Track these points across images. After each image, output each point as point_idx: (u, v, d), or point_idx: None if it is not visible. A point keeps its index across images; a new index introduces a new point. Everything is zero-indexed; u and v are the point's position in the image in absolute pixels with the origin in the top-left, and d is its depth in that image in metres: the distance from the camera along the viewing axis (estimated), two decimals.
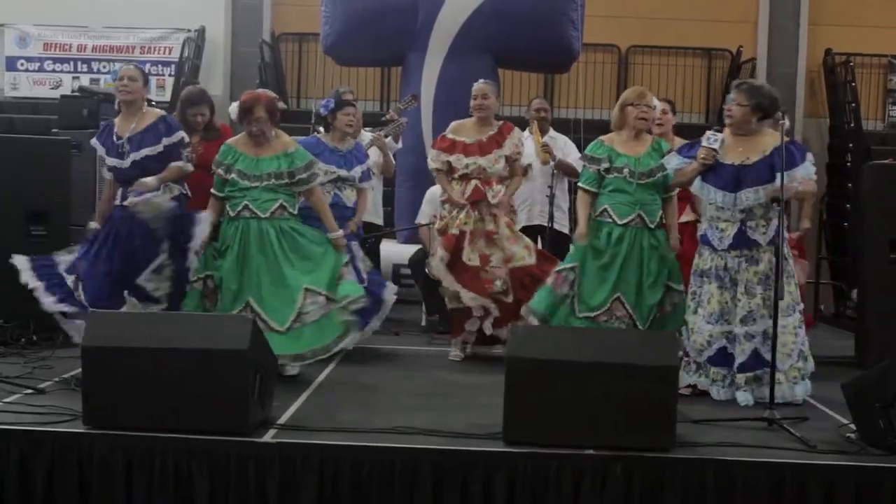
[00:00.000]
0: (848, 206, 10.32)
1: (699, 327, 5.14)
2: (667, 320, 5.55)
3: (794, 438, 4.31)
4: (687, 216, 6.09)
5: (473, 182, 6.05)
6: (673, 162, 5.29)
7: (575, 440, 4.04)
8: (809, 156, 5.09)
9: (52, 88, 11.99)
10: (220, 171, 5.43)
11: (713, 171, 5.08)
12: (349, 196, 6.14)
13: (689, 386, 5.18)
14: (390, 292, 5.96)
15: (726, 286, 5.08)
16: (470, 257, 5.99)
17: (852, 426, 4.42)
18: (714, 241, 5.11)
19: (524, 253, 6.03)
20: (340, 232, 5.57)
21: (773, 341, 4.70)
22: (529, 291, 5.86)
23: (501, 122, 6.24)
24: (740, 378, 5.02)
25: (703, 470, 3.97)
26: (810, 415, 4.81)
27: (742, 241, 5.03)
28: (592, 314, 5.49)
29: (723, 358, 5.09)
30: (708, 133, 5.13)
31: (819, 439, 4.30)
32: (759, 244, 5.00)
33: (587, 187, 5.61)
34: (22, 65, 12.29)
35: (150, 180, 5.32)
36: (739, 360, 5.02)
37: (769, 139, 5.06)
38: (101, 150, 5.51)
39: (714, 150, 5.05)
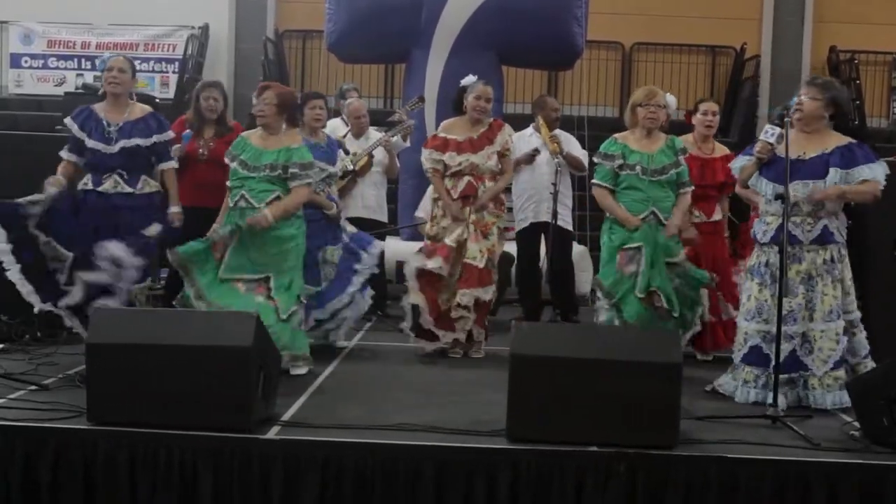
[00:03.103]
0: (852, 203, 10.30)
1: (740, 325, 5.11)
2: (681, 293, 5.55)
3: (797, 436, 4.30)
4: (717, 216, 6.19)
5: (466, 178, 6.06)
6: (738, 161, 5.19)
7: (578, 437, 4.04)
8: (881, 162, 4.94)
9: (56, 85, 12.02)
10: (229, 160, 5.46)
11: (769, 165, 4.97)
12: (336, 192, 6.19)
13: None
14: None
15: (766, 283, 4.98)
16: (442, 266, 5.99)
17: (856, 424, 4.42)
18: (759, 234, 5.04)
19: (477, 254, 5.99)
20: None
21: (777, 339, 4.67)
22: (470, 285, 5.93)
23: (492, 119, 6.24)
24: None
25: (707, 467, 3.96)
26: (814, 412, 4.80)
27: (787, 239, 4.87)
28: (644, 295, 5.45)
29: (757, 357, 4.98)
30: (766, 126, 5.03)
31: (823, 437, 4.29)
32: (800, 241, 4.90)
33: (603, 184, 5.61)
34: (26, 62, 12.32)
35: (177, 213, 5.56)
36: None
37: (834, 139, 4.94)
38: (76, 130, 5.48)
39: (770, 143, 4.89)
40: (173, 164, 5.64)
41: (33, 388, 4.78)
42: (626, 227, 5.49)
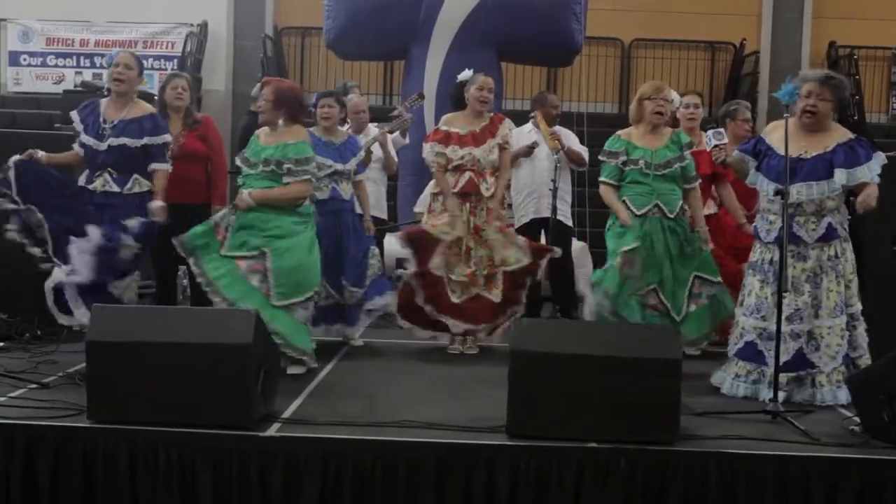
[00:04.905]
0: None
1: (738, 319, 5.10)
2: (702, 314, 5.56)
3: (797, 431, 4.30)
4: (708, 209, 6.14)
5: (467, 174, 6.06)
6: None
7: (578, 433, 4.04)
8: (879, 155, 4.88)
9: (55, 83, 12.01)
10: (239, 160, 5.52)
11: (769, 162, 4.94)
12: (345, 189, 6.16)
13: None
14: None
15: (768, 281, 4.94)
16: (438, 264, 6.01)
17: (856, 419, 4.42)
18: (762, 233, 5.02)
19: (519, 255, 6.06)
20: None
21: (777, 337, 4.65)
22: (524, 289, 6.05)
23: (493, 114, 6.25)
24: (782, 377, 4.80)
25: (707, 463, 3.97)
26: (814, 408, 4.81)
27: (788, 237, 4.83)
28: (639, 292, 5.51)
29: (751, 353, 4.98)
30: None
31: (823, 432, 4.30)
32: (804, 241, 4.87)
33: (609, 180, 5.64)
34: (25, 60, 12.30)
35: (159, 207, 5.37)
36: (784, 358, 4.81)
37: (835, 135, 4.89)
38: (77, 124, 5.49)
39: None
40: (165, 166, 5.48)
41: (33, 386, 4.78)
42: (621, 224, 5.51)
